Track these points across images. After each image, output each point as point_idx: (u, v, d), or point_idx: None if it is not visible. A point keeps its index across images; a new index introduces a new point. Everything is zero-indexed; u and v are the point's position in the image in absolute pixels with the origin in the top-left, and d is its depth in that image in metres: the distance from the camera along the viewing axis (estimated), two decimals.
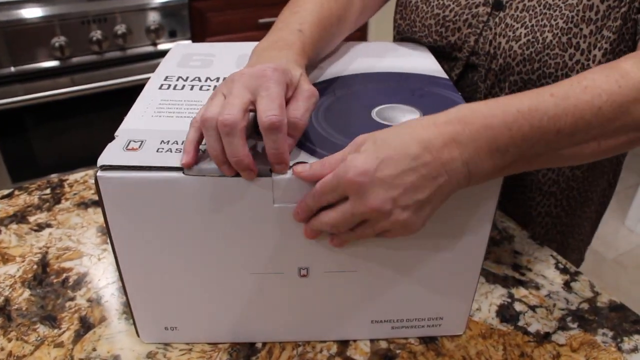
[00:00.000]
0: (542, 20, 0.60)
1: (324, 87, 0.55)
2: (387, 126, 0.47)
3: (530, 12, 0.61)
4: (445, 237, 0.48)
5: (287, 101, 0.45)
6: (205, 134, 0.42)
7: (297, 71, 0.47)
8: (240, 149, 0.40)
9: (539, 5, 0.60)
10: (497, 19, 0.63)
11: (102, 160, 0.43)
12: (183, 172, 0.43)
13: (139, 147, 0.45)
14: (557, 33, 0.59)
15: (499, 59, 0.63)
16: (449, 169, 0.40)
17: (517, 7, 0.62)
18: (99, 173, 0.43)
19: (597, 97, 0.41)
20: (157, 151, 0.44)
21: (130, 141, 0.45)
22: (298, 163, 0.43)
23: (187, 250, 0.47)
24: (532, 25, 0.60)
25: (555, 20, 0.59)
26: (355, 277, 0.49)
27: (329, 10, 0.58)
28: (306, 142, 0.46)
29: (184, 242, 0.46)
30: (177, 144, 0.45)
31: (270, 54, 0.49)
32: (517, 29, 0.61)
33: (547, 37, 0.59)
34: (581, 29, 0.58)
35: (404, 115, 0.50)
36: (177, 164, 0.43)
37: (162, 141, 0.45)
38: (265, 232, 0.46)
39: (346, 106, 0.52)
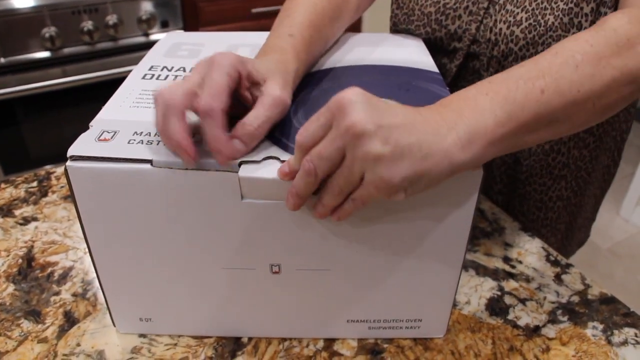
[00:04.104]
0: (542, 2, 0.59)
1: (308, 80, 0.54)
2: None
3: None
4: (422, 236, 0.46)
5: (252, 100, 0.44)
6: (155, 107, 0.42)
7: (266, 67, 0.45)
8: (173, 129, 0.40)
9: None
10: (497, 6, 0.63)
11: (72, 150, 0.42)
12: (151, 164, 0.42)
13: (111, 137, 0.44)
14: (559, 14, 0.58)
15: (500, 45, 0.62)
16: (434, 129, 0.38)
17: None
18: (68, 163, 0.42)
19: (571, 58, 0.41)
20: (129, 142, 0.43)
21: (103, 131, 0.45)
22: (268, 158, 0.42)
23: (157, 243, 0.46)
24: (533, 9, 0.60)
25: (556, 2, 0.58)
26: (328, 275, 0.48)
27: (322, 11, 0.57)
28: (280, 136, 0.45)
29: (154, 234, 0.46)
30: (149, 135, 0.44)
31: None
32: (518, 13, 0.61)
33: (548, 19, 0.59)
34: (582, 8, 0.58)
35: None
36: (146, 156, 0.42)
37: (135, 132, 0.45)
38: (234, 227, 0.45)
39: (327, 99, 0.51)
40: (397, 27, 0.72)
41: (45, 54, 1.52)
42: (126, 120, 0.46)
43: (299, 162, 0.39)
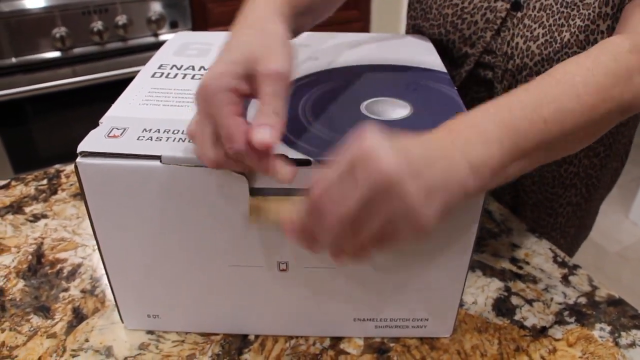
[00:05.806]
0: (559, 19, 0.59)
1: (316, 79, 0.54)
2: (376, 120, 0.47)
3: (548, 11, 0.60)
4: (429, 237, 0.46)
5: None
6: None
7: (246, 51, 0.40)
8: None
9: (557, 4, 0.59)
10: (515, 20, 0.62)
11: (82, 146, 0.43)
12: (160, 161, 0.42)
13: (121, 134, 0.44)
14: (575, 32, 0.58)
15: (515, 59, 0.62)
16: (451, 162, 0.37)
17: (535, 7, 0.61)
18: (78, 159, 0.43)
19: (574, 87, 0.41)
20: (138, 139, 0.44)
21: (113, 128, 0.45)
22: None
23: (165, 240, 0.47)
24: (550, 25, 0.59)
25: (573, 19, 0.58)
26: (335, 273, 0.48)
27: None
28: (288, 133, 0.44)
29: (162, 230, 0.46)
30: (158, 132, 0.45)
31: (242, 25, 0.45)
32: (535, 29, 0.60)
33: (565, 36, 0.58)
34: (598, 25, 0.57)
35: (394, 110, 0.49)
36: (155, 153, 0.42)
37: (145, 129, 0.45)
38: (242, 225, 0.45)
39: (336, 98, 0.51)
40: (414, 21, 0.72)
41: (55, 54, 1.53)
42: (135, 117, 0.47)
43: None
